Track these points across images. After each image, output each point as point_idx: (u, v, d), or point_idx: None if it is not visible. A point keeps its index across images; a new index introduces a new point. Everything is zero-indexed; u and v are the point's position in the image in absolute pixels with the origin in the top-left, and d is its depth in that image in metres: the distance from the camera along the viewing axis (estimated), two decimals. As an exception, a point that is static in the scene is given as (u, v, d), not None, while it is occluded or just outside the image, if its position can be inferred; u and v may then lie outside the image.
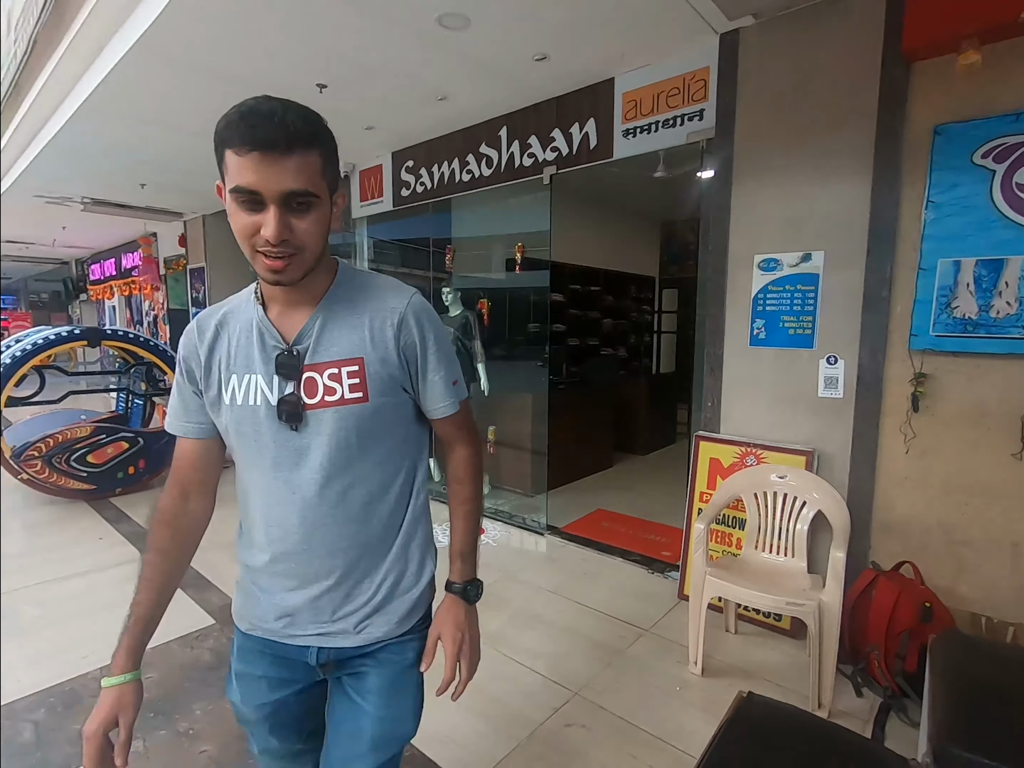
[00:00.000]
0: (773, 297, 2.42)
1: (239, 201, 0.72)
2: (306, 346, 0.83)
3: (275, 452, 0.83)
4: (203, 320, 0.89)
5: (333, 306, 0.84)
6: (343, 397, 0.82)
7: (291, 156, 0.70)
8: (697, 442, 2.67)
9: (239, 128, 0.69)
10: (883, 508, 2.21)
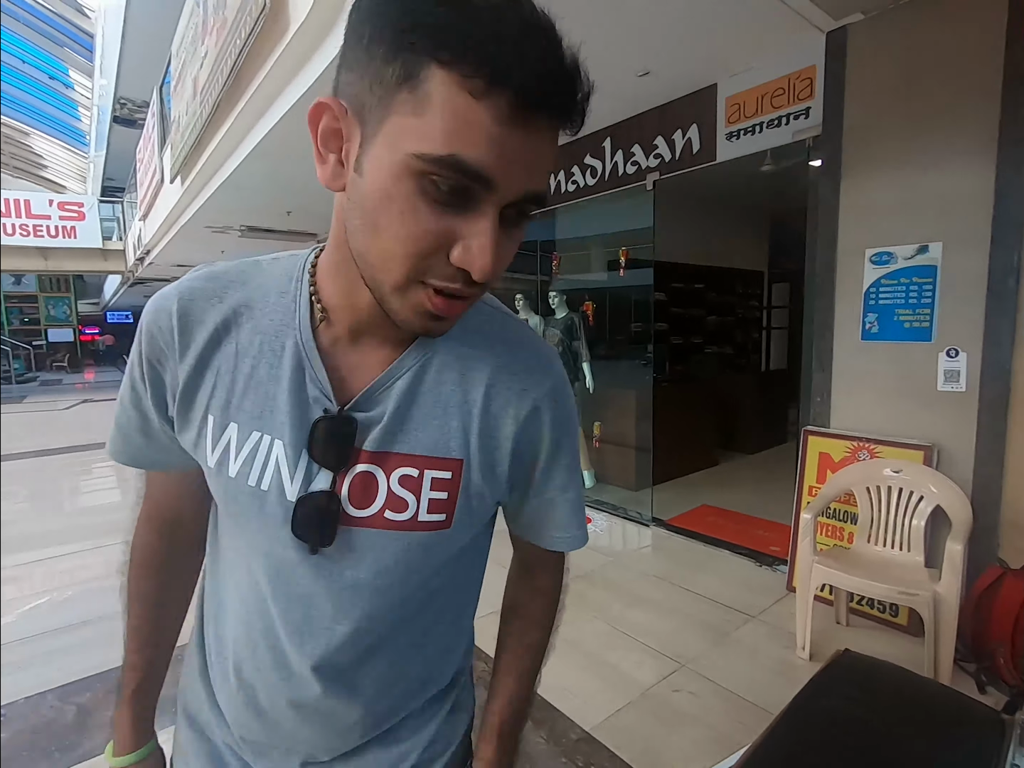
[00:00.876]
0: (887, 290, 2.40)
1: (431, 181, 0.38)
2: (374, 416, 0.50)
3: (272, 576, 0.53)
4: (193, 303, 0.51)
5: (434, 358, 0.52)
6: (415, 517, 0.51)
7: (554, 133, 0.40)
8: (805, 436, 2.69)
9: (498, 49, 0.35)
10: (1012, 504, 2.13)
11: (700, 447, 5.03)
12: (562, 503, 0.59)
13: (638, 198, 3.54)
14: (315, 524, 0.50)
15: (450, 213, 0.39)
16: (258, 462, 0.50)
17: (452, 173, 0.37)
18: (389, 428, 0.50)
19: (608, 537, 3.51)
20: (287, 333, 0.51)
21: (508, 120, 0.36)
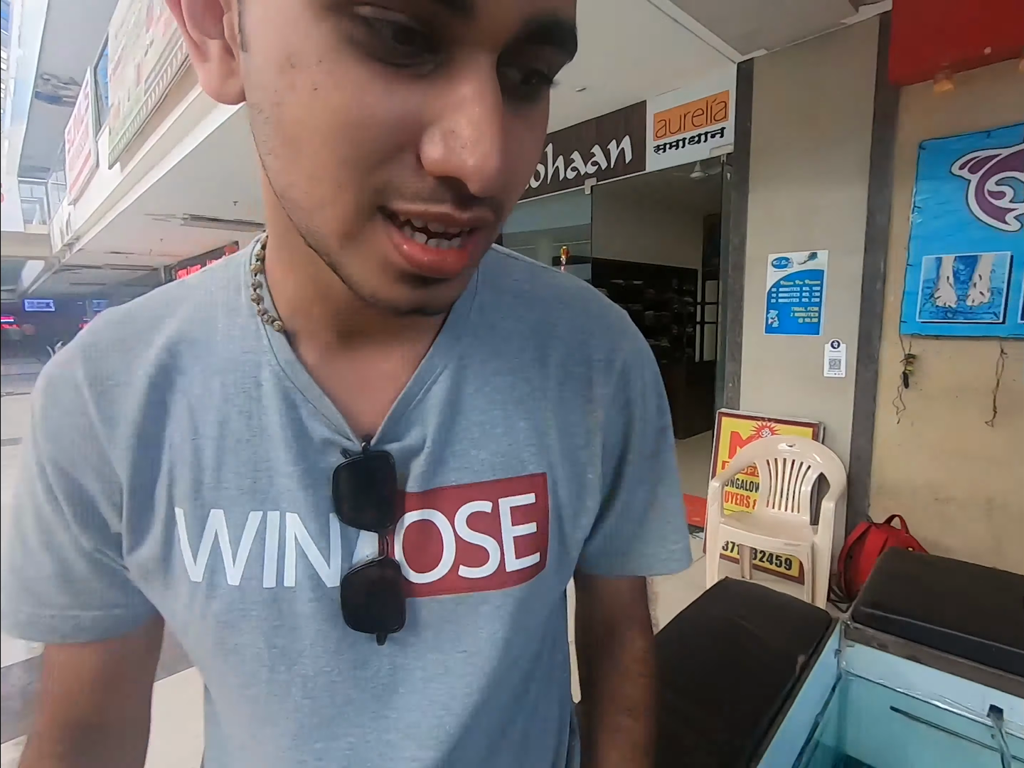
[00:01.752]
0: (785, 290, 2.79)
1: (358, 14, 0.21)
2: (412, 444, 0.36)
3: (325, 693, 0.36)
4: (111, 359, 0.36)
5: (475, 345, 0.38)
6: (502, 567, 0.37)
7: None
8: (720, 418, 3.07)
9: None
10: (879, 471, 2.56)
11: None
12: (670, 508, 0.45)
13: (578, 200, 3.84)
14: (375, 604, 0.35)
15: (406, 78, 0.23)
16: (270, 553, 0.34)
17: (400, 28, 0.21)
18: (436, 455, 0.36)
19: (550, 514, 3.82)
20: (257, 363, 0.35)
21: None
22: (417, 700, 0.37)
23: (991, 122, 2.14)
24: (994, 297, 2.18)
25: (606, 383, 0.40)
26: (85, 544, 0.36)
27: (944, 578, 1.51)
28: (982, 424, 2.26)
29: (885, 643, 1.33)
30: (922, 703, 1.29)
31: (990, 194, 2.16)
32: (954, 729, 1.25)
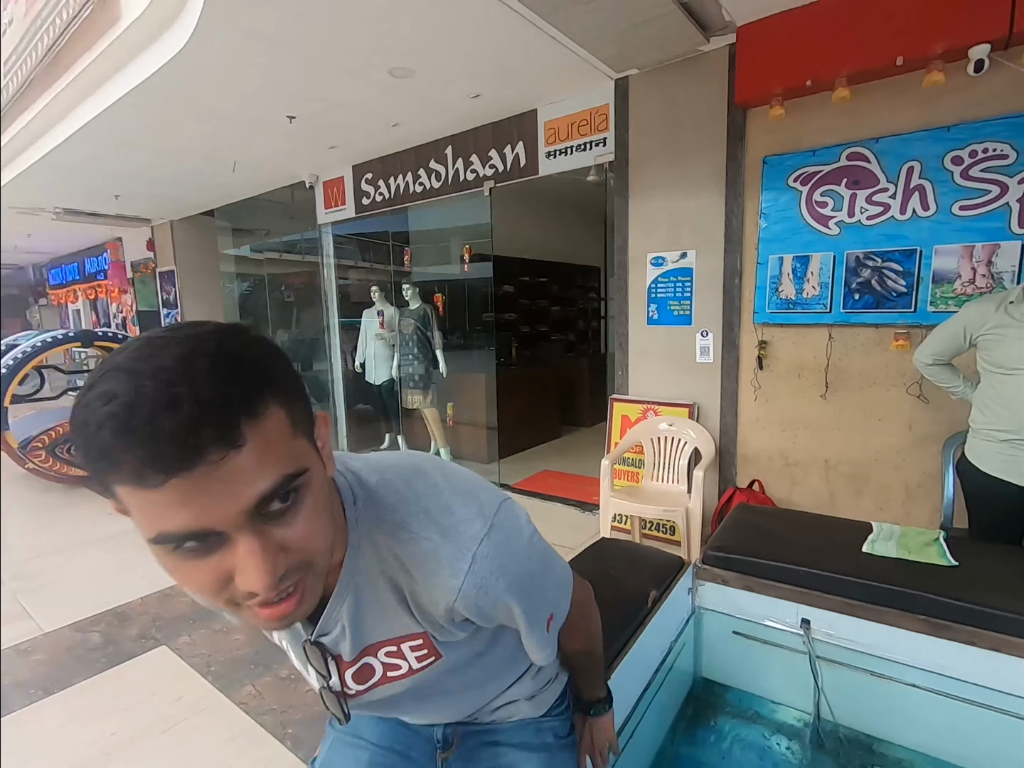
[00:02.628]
0: (662, 286, 3.11)
1: (175, 552, 0.44)
2: (335, 637, 0.63)
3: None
4: None
5: (363, 578, 0.60)
6: (411, 669, 0.66)
7: (238, 454, 0.42)
8: (611, 403, 3.35)
9: (127, 451, 0.39)
10: (742, 443, 2.94)
11: (545, 423, 5.71)
12: (533, 644, 0.71)
13: (478, 201, 4.00)
14: (336, 705, 0.68)
15: (208, 557, 0.45)
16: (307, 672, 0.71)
17: (176, 539, 0.43)
18: (354, 636, 0.63)
19: (462, 503, 3.97)
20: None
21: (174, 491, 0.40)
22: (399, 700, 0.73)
23: (814, 143, 2.54)
24: (823, 290, 2.59)
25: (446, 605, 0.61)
26: None
27: (777, 524, 1.83)
28: (818, 398, 2.67)
29: (727, 579, 1.60)
30: (755, 625, 1.58)
31: (816, 203, 2.56)
32: (778, 642, 1.54)
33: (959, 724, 1.33)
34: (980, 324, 1.77)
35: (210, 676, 2.08)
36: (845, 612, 1.43)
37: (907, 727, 1.42)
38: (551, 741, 0.84)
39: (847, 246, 2.51)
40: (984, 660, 1.28)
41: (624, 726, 1.25)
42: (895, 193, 2.38)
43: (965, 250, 2.26)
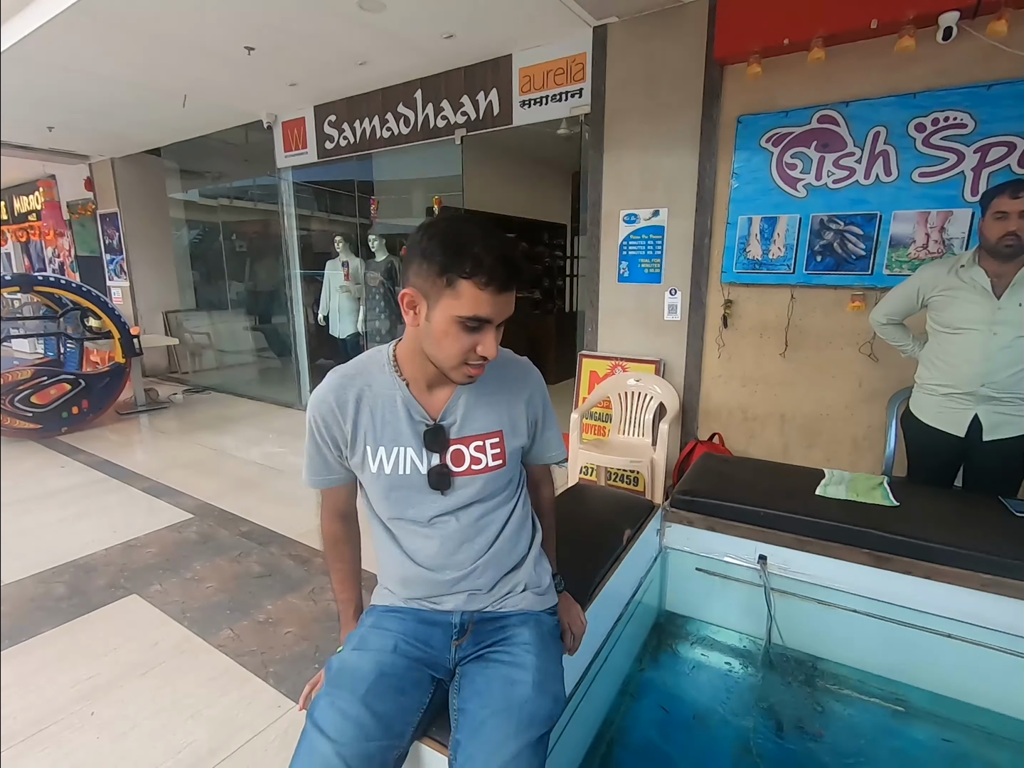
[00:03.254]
0: (634, 244, 3.14)
1: (464, 325, 0.85)
2: (451, 421, 0.98)
3: (425, 510, 0.98)
4: (339, 392, 0.97)
5: (473, 389, 0.98)
6: (487, 465, 0.99)
7: (514, 293, 0.88)
8: (580, 359, 3.42)
9: (488, 268, 0.82)
10: (705, 398, 3.07)
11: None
12: (551, 438, 1.12)
13: (449, 150, 3.89)
14: (440, 480, 0.98)
15: (474, 334, 0.88)
16: (400, 461, 0.99)
17: (474, 320, 0.86)
18: (462, 424, 1.00)
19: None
20: (395, 394, 0.99)
21: (493, 295, 0.85)
22: (458, 513, 1.01)
23: (788, 103, 2.58)
24: (788, 252, 2.68)
25: (524, 399, 1.05)
26: (334, 456, 1.01)
27: (738, 471, 1.95)
28: (777, 355, 2.80)
29: (692, 520, 1.71)
30: (716, 561, 1.70)
31: (786, 165, 2.62)
32: (737, 576, 1.67)
33: (893, 643, 1.50)
34: (932, 286, 1.89)
35: (186, 622, 2.09)
36: (798, 548, 1.57)
37: (847, 647, 1.59)
38: (546, 630, 1.05)
39: (813, 209, 2.59)
40: (918, 587, 1.43)
41: (597, 655, 1.35)
42: (861, 157, 2.45)
43: (921, 216, 2.37)
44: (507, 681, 0.91)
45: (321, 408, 0.98)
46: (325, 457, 1.01)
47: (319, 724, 0.84)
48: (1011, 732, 1.38)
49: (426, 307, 0.88)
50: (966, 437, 1.85)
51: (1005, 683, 1.38)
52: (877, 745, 1.40)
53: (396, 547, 1.03)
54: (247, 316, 7.48)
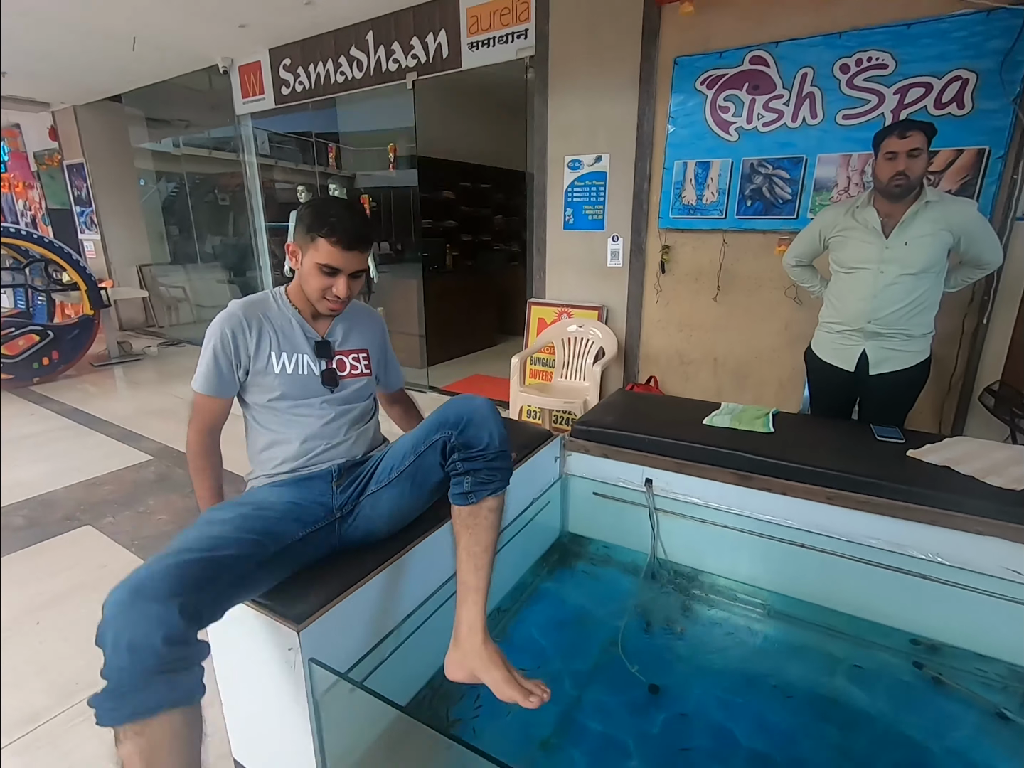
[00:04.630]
0: (578, 190, 3.17)
1: (322, 270, 1.17)
2: (334, 340, 1.31)
3: (317, 402, 1.26)
4: (246, 312, 1.23)
5: (344, 320, 1.34)
6: (362, 371, 1.35)
7: (364, 253, 1.20)
8: (529, 307, 3.49)
9: (339, 231, 1.14)
10: (645, 343, 3.17)
11: (480, 330, 5.83)
12: (397, 368, 1.54)
13: (404, 97, 3.84)
14: (330, 378, 1.28)
15: (330, 278, 1.20)
16: (300, 364, 1.26)
17: (328, 268, 1.19)
18: (341, 343, 1.33)
19: (391, 404, 4.14)
20: (291, 317, 1.28)
21: (341, 251, 1.18)
22: (343, 408, 1.32)
23: (721, 44, 2.57)
24: (720, 197, 2.72)
25: (375, 331, 1.44)
26: (231, 365, 1.23)
27: (642, 405, 2.07)
28: (710, 300, 2.89)
29: (589, 448, 1.84)
30: (611, 486, 1.84)
31: (719, 108, 2.63)
32: (628, 499, 1.81)
33: (757, 554, 1.65)
34: (832, 226, 1.96)
35: (134, 549, 2.25)
36: (677, 471, 1.70)
37: (719, 560, 1.74)
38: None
39: (744, 152, 2.62)
40: (775, 502, 1.57)
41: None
42: (789, 100, 2.47)
43: (844, 159, 2.41)
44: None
45: (231, 322, 1.21)
46: (221, 369, 1.22)
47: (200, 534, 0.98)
48: (849, 628, 1.55)
49: (301, 256, 1.21)
50: (855, 371, 1.96)
51: (849, 585, 1.54)
52: (732, 641, 1.57)
53: (290, 431, 1.26)
54: (223, 270, 7.46)
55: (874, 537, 1.47)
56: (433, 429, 1.15)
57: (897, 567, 1.45)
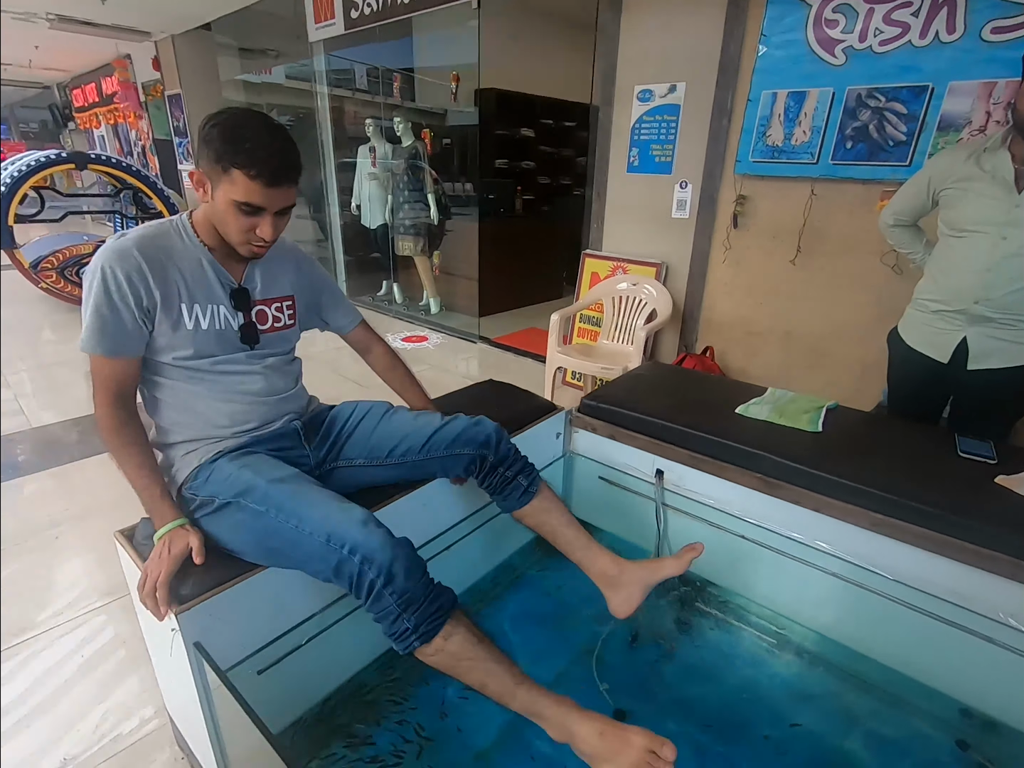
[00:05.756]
0: (646, 126, 2.76)
1: (241, 209, 0.94)
2: (253, 286, 1.09)
3: (238, 359, 1.07)
4: (145, 251, 0.97)
5: (265, 262, 1.11)
6: (285, 324, 1.15)
7: (292, 186, 0.97)
8: (584, 259, 3.19)
9: (259, 162, 0.90)
10: (707, 308, 2.79)
11: (547, 281, 5.54)
12: (343, 304, 1.31)
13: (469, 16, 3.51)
14: (249, 336, 1.09)
15: (252, 217, 0.96)
16: (215, 317, 1.05)
17: (249, 207, 0.95)
18: (261, 289, 1.12)
19: (439, 353, 4.04)
20: (200, 257, 1.04)
21: (263, 187, 0.93)
22: (264, 362, 1.12)
23: (838, -64, 2.04)
24: (813, 136, 2.24)
25: (293, 270, 1.19)
26: (134, 317, 0.97)
27: (670, 382, 1.78)
28: (787, 263, 2.45)
29: (596, 427, 1.61)
30: (617, 472, 1.61)
31: (826, 23, 2.12)
32: (635, 489, 1.58)
33: (779, 575, 1.38)
34: (946, 176, 1.52)
35: (160, 474, 2.33)
36: (691, 465, 1.44)
37: (733, 573, 1.48)
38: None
39: (851, 80, 2.11)
40: (807, 518, 1.28)
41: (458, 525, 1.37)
42: (919, 9, 1.93)
43: (984, 88, 1.87)
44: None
45: (125, 265, 0.94)
46: (123, 320, 0.95)
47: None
48: (881, 681, 1.26)
49: (211, 188, 0.96)
50: (949, 364, 1.55)
51: (890, 630, 1.24)
52: (730, 672, 1.34)
53: (217, 393, 1.07)
54: (305, 205, 7.59)
55: (929, 581, 1.16)
56: (458, 443, 1.16)
57: (955, 622, 1.14)
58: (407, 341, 4.19)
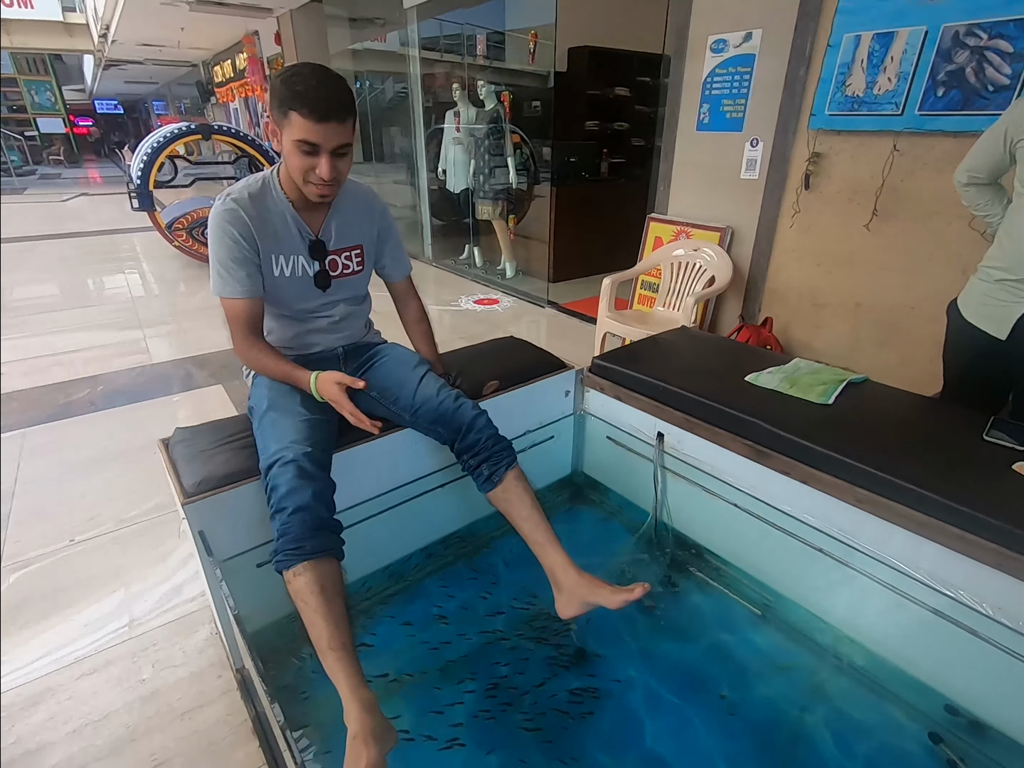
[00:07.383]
0: (719, 80, 2.60)
1: (300, 148, 1.07)
2: (327, 238, 1.26)
3: (313, 302, 1.29)
4: (244, 205, 1.16)
5: (340, 211, 1.27)
6: (353, 270, 1.33)
7: (343, 123, 1.07)
8: (648, 223, 3.10)
9: (310, 101, 1.02)
10: (772, 277, 2.62)
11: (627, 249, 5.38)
12: (401, 256, 1.44)
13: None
14: (323, 282, 1.28)
15: (312, 156, 1.09)
16: (295, 266, 1.24)
17: (306, 144, 1.07)
18: (336, 240, 1.28)
19: (507, 315, 4.13)
20: (285, 212, 1.22)
21: (315, 123, 1.05)
22: (337, 306, 1.36)
23: None
24: (900, 84, 2.00)
25: (373, 221, 1.36)
26: (254, 262, 1.20)
27: (688, 349, 1.75)
28: (862, 228, 2.23)
29: (604, 387, 1.64)
30: (623, 432, 1.63)
31: (923, -51, 1.86)
32: (638, 450, 1.60)
33: (767, 544, 1.35)
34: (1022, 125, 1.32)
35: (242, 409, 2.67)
36: (688, 429, 1.42)
37: (724, 539, 1.47)
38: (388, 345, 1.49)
39: (946, 16, 1.85)
40: (795, 490, 1.23)
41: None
42: (1037, -76, 1.64)
43: (1113, 17, 1.57)
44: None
45: (236, 222, 1.15)
46: (248, 266, 1.17)
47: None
48: (865, 664, 1.21)
49: (280, 135, 1.10)
50: (1007, 341, 1.38)
51: (876, 612, 1.19)
52: (706, 634, 1.34)
53: (284, 323, 1.33)
54: (406, 171, 7.90)
55: (914, 565, 1.09)
56: (439, 422, 1.27)
57: (943, 612, 1.07)
58: (479, 303, 4.32)
